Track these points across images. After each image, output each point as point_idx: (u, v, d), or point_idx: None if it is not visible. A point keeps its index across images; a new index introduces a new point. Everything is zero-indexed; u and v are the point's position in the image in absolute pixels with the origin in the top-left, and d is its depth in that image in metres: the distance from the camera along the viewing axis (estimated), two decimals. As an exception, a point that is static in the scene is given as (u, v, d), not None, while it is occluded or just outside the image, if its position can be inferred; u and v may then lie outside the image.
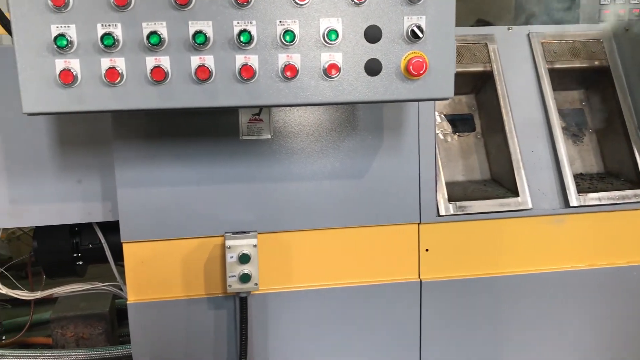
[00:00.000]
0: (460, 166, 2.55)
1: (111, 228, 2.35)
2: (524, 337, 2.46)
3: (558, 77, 2.50)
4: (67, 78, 1.65)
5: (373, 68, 1.78)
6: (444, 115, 2.55)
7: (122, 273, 2.30)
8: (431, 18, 1.76)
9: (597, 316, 2.49)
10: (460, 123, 2.57)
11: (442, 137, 2.53)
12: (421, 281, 2.35)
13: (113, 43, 1.65)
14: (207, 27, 1.68)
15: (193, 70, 1.70)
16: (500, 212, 2.33)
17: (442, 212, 2.29)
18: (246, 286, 2.15)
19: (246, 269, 2.13)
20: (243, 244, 2.13)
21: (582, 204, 2.36)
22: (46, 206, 2.26)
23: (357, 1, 1.72)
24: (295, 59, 1.74)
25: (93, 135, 2.24)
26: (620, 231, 2.44)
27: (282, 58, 1.74)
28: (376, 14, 1.75)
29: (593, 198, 2.37)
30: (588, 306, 2.48)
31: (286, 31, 1.71)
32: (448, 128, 2.55)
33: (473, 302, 2.39)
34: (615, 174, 2.57)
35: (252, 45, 1.71)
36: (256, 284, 2.15)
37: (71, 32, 1.64)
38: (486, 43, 2.44)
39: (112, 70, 1.67)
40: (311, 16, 1.73)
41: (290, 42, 1.72)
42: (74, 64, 1.66)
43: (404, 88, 1.81)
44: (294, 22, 1.72)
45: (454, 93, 1.85)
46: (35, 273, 3.27)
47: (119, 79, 1.68)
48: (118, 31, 1.66)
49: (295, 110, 2.18)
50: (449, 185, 2.38)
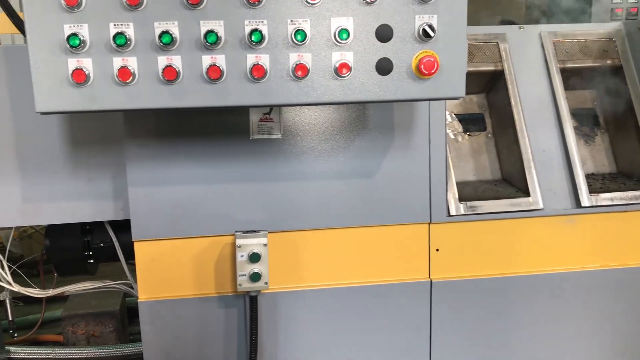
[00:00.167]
0: (471, 166, 2.54)
1: (122, 227, 2.37)
2: (535, 338, 2.45)
3: (570, 77, 2.49)
4: (80, 77, 1.66)
5: (384, 67, 1.78)
6: (455, 114, 2.54)
7: (133, 271, 2.31)
8: (442, 17, 1.76)
9: (610, 317, 2.47)
10: (471, 122, 2.56)
11: (453, 137, 2.52)
12: (431, 281, 2.34)
13: (125, 42, 1.66)
14: (219, 27, 1.68)
15: (204, 69, 1.70)
16: (511, 212, 2.31)
17: (453, 212, 2.28)
18: (256, 285, 2.15)
19: (256, 268, 2.14)
20: (253, 243, 2.13)
21: (594, 204, 2.34)
22: (58, 205, 2.28)
23: (369, 0, 1.72)
24: (306, 58, 1.74)
25: (105, 134, 2.25)
26: (632, 231, 2.42)
27: (293, 57, 1.74)
28: (387, 13, 1.75)
29: (605, 198, 2.35)
30: (600, 307, 2.46)
31: (297, 30, 1.71)
32: (459, 127, 2.54)
33: (483, 303, 2.38)
34: (627, 174, 2.55)
35: (263, 44, 1.71)
36: (266, 283, 2.16)
37: (84, 32, 1.65)
38: (497, 42, 2.43)
39: (124, 69, 1.68)
40: (322, 15, 1.73)
41: (301, 42, 1.72)
42: (87, 64, 1.67)
43: (415, 87, 1.80)
44: (305, 22, 1.72)
45: (465, 92, 1.84)
46: (46, 271, 3.31)
47: (131, 79, 1.69)
48: (130, 31, 1.66)
49: (305, 109, 2.18)
50: (460, 184, 2.37)
